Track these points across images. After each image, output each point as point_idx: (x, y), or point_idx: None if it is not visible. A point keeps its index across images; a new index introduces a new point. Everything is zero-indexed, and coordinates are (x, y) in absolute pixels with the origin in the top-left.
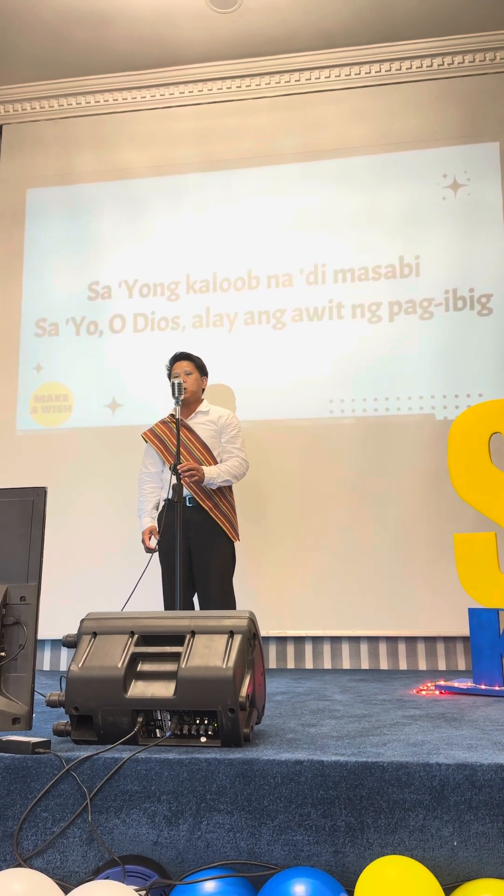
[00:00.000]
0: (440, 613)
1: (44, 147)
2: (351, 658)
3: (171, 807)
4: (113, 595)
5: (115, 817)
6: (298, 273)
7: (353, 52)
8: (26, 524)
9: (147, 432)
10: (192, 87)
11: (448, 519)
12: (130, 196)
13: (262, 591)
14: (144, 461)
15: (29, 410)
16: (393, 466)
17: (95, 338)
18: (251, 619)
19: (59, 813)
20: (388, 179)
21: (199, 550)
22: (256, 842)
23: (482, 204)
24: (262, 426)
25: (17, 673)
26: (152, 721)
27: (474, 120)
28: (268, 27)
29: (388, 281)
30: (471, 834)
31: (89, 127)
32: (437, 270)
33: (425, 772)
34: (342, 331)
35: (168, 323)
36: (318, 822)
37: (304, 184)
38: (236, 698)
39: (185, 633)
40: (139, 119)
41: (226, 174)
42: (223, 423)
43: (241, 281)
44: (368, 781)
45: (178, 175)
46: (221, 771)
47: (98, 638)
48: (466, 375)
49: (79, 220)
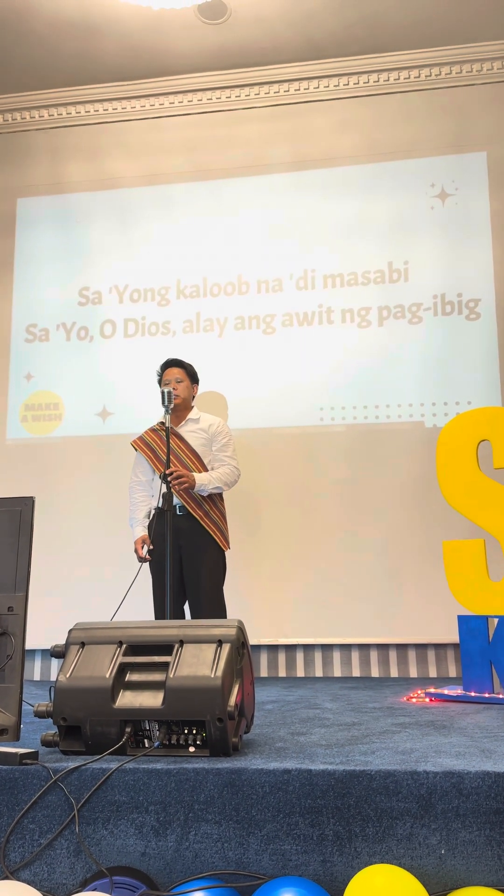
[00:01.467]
0: (431, 621)
1: (34, 157)
2: (342, 666)
3: (159, 817)
4: (103, 605)
5: (103, 828)
6: (288, 278)
7: (341, 62)
8: (14, 534)
9: (137, 440)
10: (182, 97)
11: (438, 526)
12: (121, 205)
13: (254, 599)
14: (134, 470)
15: (19, 419)
16: (383, 474)
17: (86, 343)
18: (240, 627)
19: (46, 824)
20: (376, 189)
21: (189, 559)
22: (245, 851)
23: (470, 213)
24: (253, 434)
25: (4, 683)
26: (140, 731)
27: (462, 130)
28: (257, 38)
29: (377, 286)
30: (458, 842)
31: (80, 137)
32: (426, 276)
33: (413, 780)
34: (332, 335)
35: (158, 328)
36: (306, 831)
37: (294, 193)
38: (225, 708)
39: (174, 642)
40: (129, 129)
41: (216, 183)
42: (214, 431)
43: (231, 286)
44: (356, 790)
45: (169, 184)
46: (210, 781)
47: (86, 648)
48: (455, 383)
49: (69, 229)
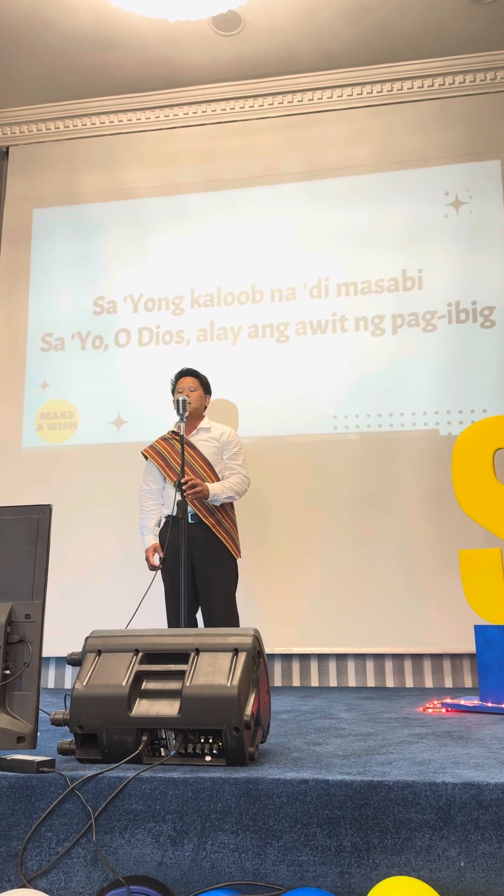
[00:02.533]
0: (446, 630)
1: (50, 168)
2: (357, 675)
3: (175, 826)
4: (117, 612)
5: (120, 837)
6: (302, 287)
7: (354, 72)
8: (31, 542)
9: (148, 449)
10: (196, 108)
11: (454, 535)
12: (135, 215)
13: (267, 608)
14: (145, 478)
15: (35, 427)
16: (397, 483)
17: (101, 352)
18: (256, 636)
19: (63, 833)
20: (390, 197)
21: (202, 567)
22: (262, 862)
23: (484, 221)
24: (266, 443)
25: (21, 691)
26: (157, 740)
27: (475, 138)
28: (270, 49)
29: (391, 294)
30: (478, 854)
31: (95, 148)
32: (440, 284)
33: (431, 791)
34: (346, 343)
35: (173, 337)
36: (324, 842)
37: (307, 202)
38: (241, 717)
39: (190, 650)
40: (144, 140)
41: (229, 193)
42: (225, 440)
43: (245, 295)
44: (374, 801)
45: (183, 194)
46: (226, 790)
47: (102, 656)
48: (469, 391)
49: (84, 239)
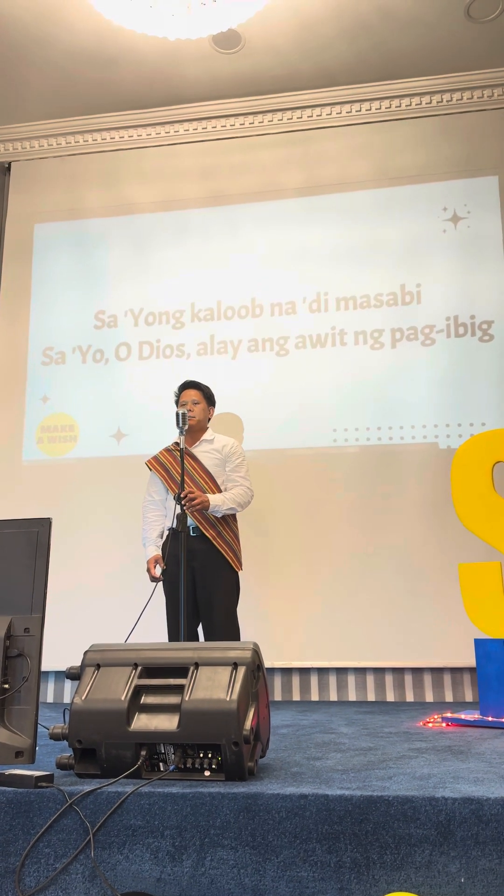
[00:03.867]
0: (447, 644)
1: (51, 183)
2: (357, 690)
3: (174, 842)
4: (117, 626)
5: (118, 853)
6: (301, 301)
7: (353, 89)
8: (31, 555)
9: (151, 460)
10: (197, 124)
11: (453, 549)
12: (137, 231)
13: (268, 621)
14: (148, 489)
15: (35, 440)
16: (397, 496)
17: (101, 366)
18: (255, 650)
19: (61, 848)
20: (389, 213)
21: (202, 580)
22: (261, 878)
23: (482, 236)
24: (267, 455)
25: (20, 706)
26: (156, 754)
27: (474, 154)
28: (270, 66)
29: (389, 308)
30: (478, 870)
31: (96, 164)
32: (438, 298)
33: (431, 806)
34: (345, 357)
35: (173, 350)
36: (324, 857)
37: (307, 217)
38: (240, 731)
39: (189, 664)
40: (145, 156)
41: (230, 209)
42: (227, 452)
43: (244, 309)
44: (374, 816)
45: (184, 210)
46: (225, 805)
47: (101, 670)
48: (469, 404)
49: (86, 254)
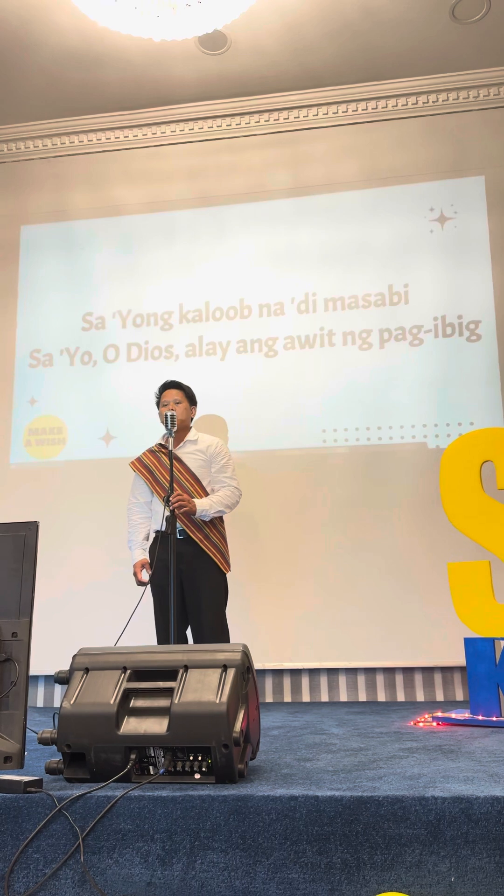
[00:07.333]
0: (437, 643)
1: (38, 185)
2: (348, 690)
3: (164, 846)
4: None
5: (108, 857)
6: (289, 302)
7: (340, 90)
8: (18, 559)
9: (135, 462)
10: (184, 125)
11: (443, 548)
12: (124, 232)
13: (258, 623)
14: (133, 491)
15: (23, 443)
16: (387, 496)
17: (89, 368)
18: (245, 652)
19: (51, 854)
20: (376, 213)
21: (190, 583)
22: (252, 881)
23: (469, 236)
24: (256, 456)
25: (8, 710)
26: (146, 758)
27: (460, 155)
28: (256, 68)
29: (377, 309)
30: (468, 869)
31: (83, 165)
32: (426, 298)
33: (421, 806)
34: (334, 358)
35: (161, 352)
36: (314, 859)
37: (295, 218)
38: (230, 734)
39: (178, 667)
40: (132, 157)
41: (217, 210)
42: (212, 452)
43: (233, 310)
44: (364, 817)
45: (171, 211)
46: (215, 808)
47: (90, 674)
48: (457, 404)
49: (73, 256)
